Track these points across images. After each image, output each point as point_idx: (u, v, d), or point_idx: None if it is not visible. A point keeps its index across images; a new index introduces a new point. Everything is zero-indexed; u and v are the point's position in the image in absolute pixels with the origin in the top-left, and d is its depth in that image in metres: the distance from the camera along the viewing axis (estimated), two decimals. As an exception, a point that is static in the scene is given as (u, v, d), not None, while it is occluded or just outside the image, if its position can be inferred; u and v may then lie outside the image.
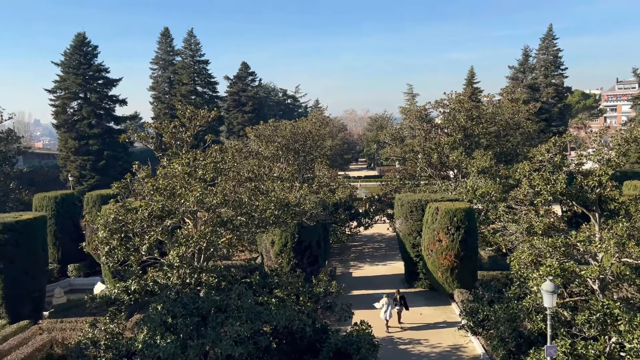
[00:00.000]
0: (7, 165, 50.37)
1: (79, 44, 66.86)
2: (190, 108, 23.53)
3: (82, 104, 66.99)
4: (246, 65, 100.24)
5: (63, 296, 31.73)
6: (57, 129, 68.68)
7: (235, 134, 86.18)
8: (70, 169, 64.71)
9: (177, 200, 19.39)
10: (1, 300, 27.34)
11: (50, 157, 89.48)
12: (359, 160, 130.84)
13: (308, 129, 45.11)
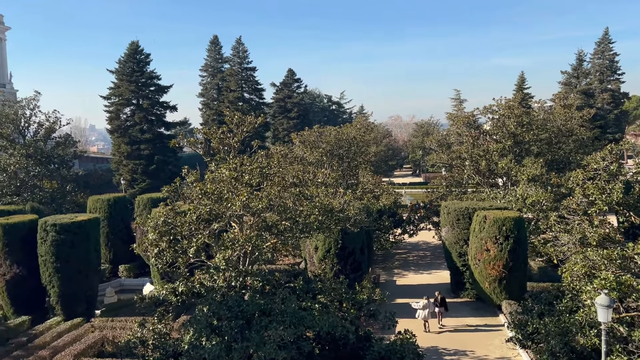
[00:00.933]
0: (64, 169, 52.68)
1: (132, 52, 69.43)
2: (238, 114, 24.02)
3: (135, 110, 69.45)
4: (292, 72, 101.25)
5: (114, 296, 32.77)
6: (111, 134, 71.46)
7: (280, 140, 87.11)
8: (122, 172, 67.12)
9: (224, 204, 19.76)
10: (57, 298, 28.56)
11: (104, 161, 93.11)
12: (404, 167, 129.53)
13: (352, 135, 45.08)
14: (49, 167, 50.50)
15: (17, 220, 30.04)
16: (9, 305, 29.25)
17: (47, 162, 50.48)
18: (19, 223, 29.56)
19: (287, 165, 27.61)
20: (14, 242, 29.05)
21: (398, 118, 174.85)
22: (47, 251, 28.18)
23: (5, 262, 28.98)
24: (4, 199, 45.88)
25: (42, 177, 48.74)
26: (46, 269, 28.44)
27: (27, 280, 28.94)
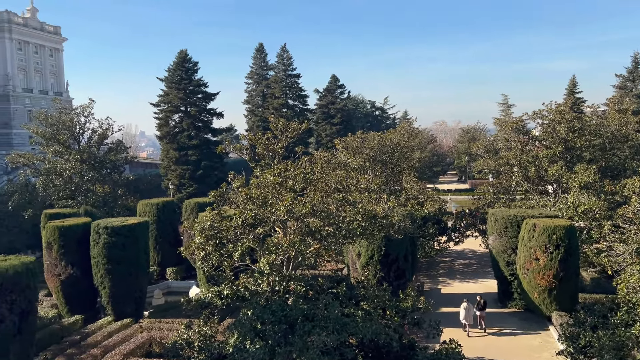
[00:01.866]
0: (116, 174, 54.67)
1: (181, 60, 71.47)
2: (282, 121, 24.24)
3: (183, 117, 71.38)
4: (336, 78, 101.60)
5: (162, 297, 33.63)
6: (160, 140, 73.70)
7: (323, 146, 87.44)
8: (170, 177, 69.02)
9: (269, 210, 19.96)
10: (108, 298, 29.58)
11: (154, 167, 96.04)
12: (449, 173, 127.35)
13: (396, 140, 44.70)
14: (102, 172, 52.46)
15: (72, 223, 31.35)
16: (64, 305, 30.50)
17: (100, 167, 52.47)
18: (73, 226, 30.83)
19: (330, 171, 27.57)
20: (69, 244, 30.31)
21: (443, 123, 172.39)
22: (99, 253, 29.26)
23: (60, 263, 30.26)
24: (60, 202, 47.97)
25: (95, 182, 50.68)
26: (98, 270, 29.51)
27: (81, 280, 30.10)
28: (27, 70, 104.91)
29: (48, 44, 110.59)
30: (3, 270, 20.58)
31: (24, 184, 50.73)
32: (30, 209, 46.55)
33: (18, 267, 21.15)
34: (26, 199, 48.47)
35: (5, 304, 20.50)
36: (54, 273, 30.46)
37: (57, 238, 30.24)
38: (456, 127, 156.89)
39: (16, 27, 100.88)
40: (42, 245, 31.94)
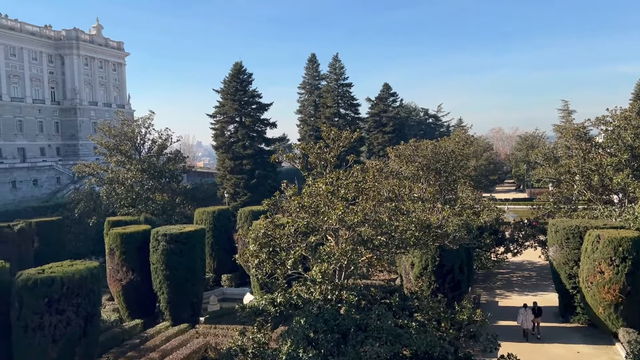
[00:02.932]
0: (174, 182, 56.55)
1: (236, 72, 73.28)
2: (334, 130, 24.35)
3: (238, 127, 73.03)
4: (388, 86, 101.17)
5: (217, 304, 34.33)
6: (216, 150, 75.67)
7: (375, 154, 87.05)
8: (226, 186, 70.66)
9: (321, 218, 20.02)
10: (166, 303, 30.50)
11: (210, 176, 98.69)
12: (506, 182, 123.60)
13: (450, 148, 43.81)
14: (161, 181, 54.38)
15: (133, 230, 32.64)
16: (125, 309, 31.71)
17: (159, 176, 54.42)
18: (134, 233, 32.09)
19: (383, 179, 27.42)
20: (130, 250, 31.55)
21: (499, 130, 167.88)
22: (158, 259, 30.26)
23: (122, 268, 31.52)
24: (122, 210, 50.08)
25: (155, 190, 52.60)
26: (157, 276, 30.51)
27: (141, 286, 31.23)
28: (93, 85, 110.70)
29: (112, 59, 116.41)
30: (70, 275, 21.65)
31: (89, 193, 53.35)
32: (94, 216, 48.88)
33: (83, 272, 22.19)
34: (91, 207, 50.95)
35: (72, 307, 21.53)
36: (116, 278, 31.75)
37: (119, 244, 31.54)
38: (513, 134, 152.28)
39: (83, 44, 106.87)
40: (105, 251, 33.42)
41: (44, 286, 21.09)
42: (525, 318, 27.71)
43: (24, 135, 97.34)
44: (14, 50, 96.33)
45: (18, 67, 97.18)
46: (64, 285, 21.34)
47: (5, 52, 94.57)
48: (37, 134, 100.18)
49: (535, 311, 28.16)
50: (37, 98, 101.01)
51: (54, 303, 21.11)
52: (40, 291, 21.00)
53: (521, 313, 27.95)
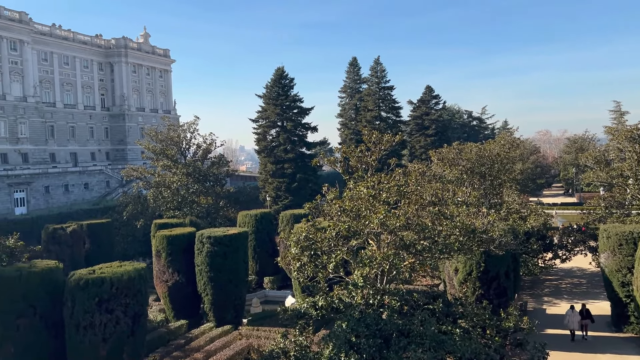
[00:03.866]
0: (218, 186, 57.60)
1: (278, 77, 74.08)
2: (375, 133, 24.22)
3: (280, 131, 73.78)
4: (430, 88, 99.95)
5: (259, 306, 34.70)
6: (258, 154, 76.66)
7: (417, 158, 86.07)
8: (268, 189, 71.45)
9: (362, 222, 19.95)
10: (210, 305, 31.06)
11: (252, 179, 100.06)
12: (554, 186, 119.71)
13: (496, 151, 42.82)
14: (205, 184, 55.52)
15: (179, 232, 33.44)
16: (170, 309, 32.49)
17: (204, 180, 55.57)
18: (180, 235, 32.87)
19: (425, 183, 27.03)
20: (176, 252, 32.33)
21: (547, 133, 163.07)
22: (203, 261, 30.88)
23: (168, 270, 32.34)
24: (168, 213, 51.39)
25: (200, 194, 53.73)
26: (201, 277, 31.13)
27: (186, 287, 31.94)
28: (140, 91, 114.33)
29: (158, 66, 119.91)
30: (119, 276, 22.38)
31: (136, 196, 55.02)
32: (142, 218, 50.35)
33: (132, 273, 22.89)
34: (138, 210, 52.51)
35: (120, 307, 22.24)
36: (162, 279, 32.59)
37: (165, 246, 32.38)
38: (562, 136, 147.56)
39: (131, 51, 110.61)
40: (152, 253, 34.35)
41: (95, 286, 21.88)
42: (572, 319, 27.58)
43: (75, 141, 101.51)
44: (67, 59, 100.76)
45: (71, 75, 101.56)
46: (113, 286, 22.08)
47: (60, 61, 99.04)
48: (88, 139, 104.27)
49: (583, 313, 27.80)
50: (88, 104, 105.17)
51: (104, 303, 21.87)
52: (91, 291, 21.81)
53: (568, 314, 27.94)
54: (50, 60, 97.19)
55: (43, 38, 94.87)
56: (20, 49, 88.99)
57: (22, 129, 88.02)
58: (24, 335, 22.42)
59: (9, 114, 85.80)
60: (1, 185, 75.46)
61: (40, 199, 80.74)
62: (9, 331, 22.52)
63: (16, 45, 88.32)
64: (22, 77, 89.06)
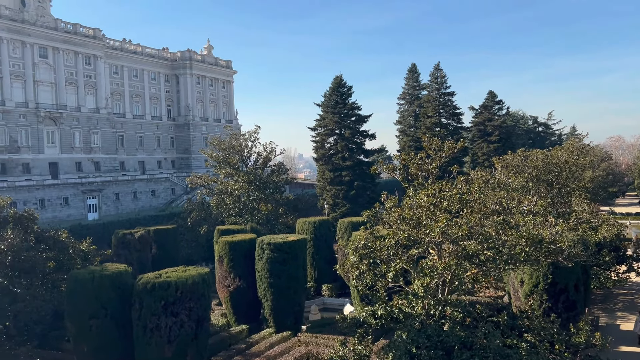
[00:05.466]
0: (277, 193, 58.46)
1: (336, 85, 74.52)
2: (436, 140, 23.82)
3: (337, 139, 74.06)
4: (493, 94, 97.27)
5: (318, 313, 34.78)
6: (316, 161, 77.24)
7: (480, 165, 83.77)
8: (325, 197, 71.78)
9: (422, 231, 19.62)
10: (270, 310, 31.49)
11: (310, 187, 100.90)
12: (628, 195, 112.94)
13: (563, 158, 40.99)
14: (266, 192, 56.48)
15: (240, 238, 34.20)
16: (232, 314, 33.21)
17: (264, 187, 56.57)
18: (241, 241, 33.60)
19: (489, 191, 26.21)
20: (237, 258, 33.06)
21: (619, 139, 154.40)
22: (263, 267, 31.40)
23: (230, 275, 33.11)
24: (230, 219, 52.68)
25: (260, 201, 54.76)
26: (262, 283, 31.65)
27: (247, 292, 32.57)
28: (204, 102, 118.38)
29: (221, 77, 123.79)
30: (183, 280, 23.16)
31: (200, 203, 56.79)
32: (205, 225, 51.90)
33: (196, 278, 23.62)
34: (202, 216, 54.17)
35: (185, 311, 22.99)
36: (224, 284, 33.40)
37: (227, 252, 33.19)
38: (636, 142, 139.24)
39: (196, 63, 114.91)
40: (215, 258, 35.28)
41: (161, 290, 22.75)
42: None
43: (144, 150, 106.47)
44: (136, 72, 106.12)
45: (139, 87, 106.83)
46: (178, 290, 22.87)
47: (129, 74, 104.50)
48: (155, 148, 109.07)
49: None
50: (155, 115, 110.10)
51: (169, 306, 22.69)
52: (157, 294, 22.69)
53: (638, 321, 27.06)
54: (120, 73, 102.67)
55: (114, 52, 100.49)
56: (94, 64, 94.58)
57: (94, 138, 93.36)
58: (96, 335, 23.63)
59: (83, 125, 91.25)
60: (76, 192, 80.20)
61: (111, 205, 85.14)
62: (82, 331, 23.84)
63: (90, 60, 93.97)
64: (95, 90, 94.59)
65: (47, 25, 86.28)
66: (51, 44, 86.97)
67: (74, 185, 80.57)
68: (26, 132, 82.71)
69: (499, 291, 36.53)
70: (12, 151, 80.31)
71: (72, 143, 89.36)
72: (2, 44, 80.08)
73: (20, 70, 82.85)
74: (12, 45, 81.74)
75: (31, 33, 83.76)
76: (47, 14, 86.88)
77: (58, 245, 30.02)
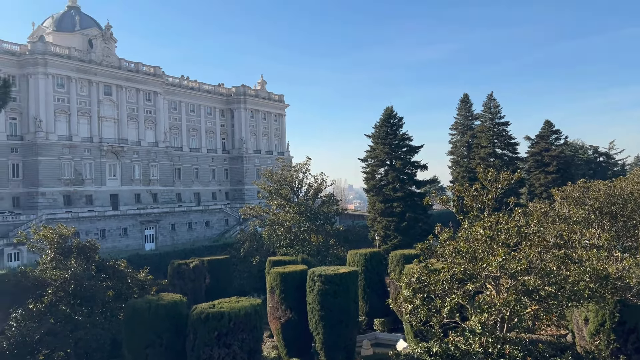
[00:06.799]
0: (328, 224, 58.50)
1: (387, 117, 74.58)
2: (492, 171, 23.30)
3: (388, 170, 73.60)
4: (549, 123, 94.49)
5: (370, 348, 34.05)
6: (367, 193, 76.88)
7: (537, 196, 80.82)
8: (376, 229, 71.01)
9: (479, 265, 19.05)
10: (321, 344, 31.09)
11: (360, 218, 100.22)
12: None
13: (628, 189, 38.92)
14: (316, 222, 56.65)
15: (291, 269, 34.25)
16: (283, 347, 33.03)
17: (315, 218, 56.77)
18: (292, 272, 33.64)
19: (548, 224, 25.21)
20: (289, 289, 33.05)
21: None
22: (314, 299, 31.19)
23: (281, 306, 33.08)
24: (281, 250, 53.01)
25: (311, 232, 54.88)
26: (313, 316, 31.39)
27: (298, 325, 32.35)
28: (257, 134, 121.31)
29: (273, 110, 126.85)
30: (236, 311, 23.35)
31: (252, 233, 57.60)
32: (257, 255, 52.45)
33: (248, 309, 23.78)
34: (254, 247, 54.84)
35: (237, 342, 23.11)
36: (276, 316, 33.37)
37: (278, 283, 33.26)
38: None
39: (249, 98, 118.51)
40: (266, 289, 35.42)
41: (215, 320, 23.01)
42: None
43: (199, 181, 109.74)
44: (193, 107, 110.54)
45: (196, 121, 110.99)
46: (231, 320, 23.07)
47: (187, 109, 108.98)
48: (209, 180, 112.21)
49: None
50: (211, 148, 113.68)
51: (222, 337, 22.88)
52: (211, 325, 22.95)
53: None
54: (178, 108, 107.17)
55: (173, 89, 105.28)
56: (154, 100, 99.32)
57: (153, 171, 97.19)
58: (151, 364, 24.07)
59: (142, 158, 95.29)
60: (134, 223, 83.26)
61: (167, 235, 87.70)
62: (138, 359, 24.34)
63: (150, 96, 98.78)
64: (154, 125, 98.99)
65: (112, 65, 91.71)
66: (115, 82, 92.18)
67: (132, 216, 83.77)
68: (90, 165, 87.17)
69: (561, 329, 34.66)
70: (77, 183, 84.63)
71: (132, 175, 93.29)
72: (72, 83, 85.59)
73: (86, 107, 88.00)
74: (80, 84, 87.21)
75: (97, 72, 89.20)
76: (112, 54, 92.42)
77: (117, 275, 31.12)
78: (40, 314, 27.79)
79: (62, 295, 28.53)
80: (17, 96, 79.56)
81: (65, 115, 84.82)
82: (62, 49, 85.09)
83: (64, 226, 32.27)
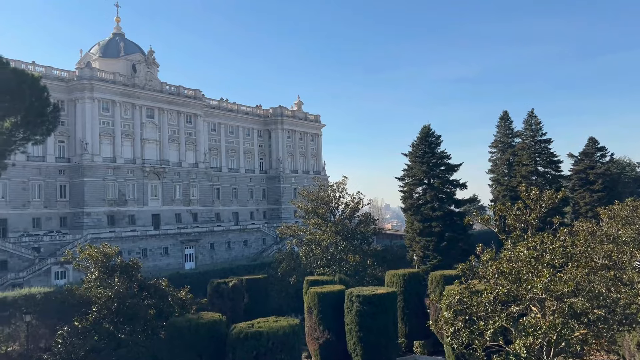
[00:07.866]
0: (365, 244, 57.95)
1: (424, 135, 74.01)
2: (535, 189, 22.73)
3: (426, 189, 72.73)
4: (594, 140, 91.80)
5: (409, 371, 33.32)
6: (404, 212, 76.10)
7: (582, 215, 78.12)
8: (415, 249, 69.99)
9: (523, 286, 18.47)
10: (360, 365, 30.64)
11: (398, 238, 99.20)
12: None
13: (682, 208, 37.25)
14: (353, 242, 56.21)
15: (329, 290, 34.05)
16: (321, 367, 32.69)
17: (352, 238, 56.37)
18: (330, 292, 33.43)
19: (596, 244, 24.30)
20: (326, 310, 32.82)
21: None
22: (352, 320, 30.86)
23: (319, 327, 32.85)
24: (318, 270, 52.76)
25: (348, 252, 54.49)
26: (351, 337, 31.04)
27: (336, 346, 32.02)
28: (294, 154, 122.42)
29: (310, 130, 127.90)
30: (275, 331, 23.34)
31: (289, 253, 57.61)
32: (294, 275, 52.36)
33: (286, 329, 23.74)
34: (292, 266, 54.78)
35: (275, 362, 23.04)
36: (314, 336, 33.14)
37: (316, 303, 33.09)
38: None
39: (286, 119, 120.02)
40: (304, 309, 35.26)
41: (253, 339, 23.07)
42: None
43: (237, 201, 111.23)
44: (232, 129, 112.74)
45: (234, 142, 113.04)
46: (269, 340, 23.07)
47: (226, 130, 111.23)
48: (247, 199, 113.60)
49: None
50: (249, 168, 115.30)
51: (261, 356, 22.87)
52: (250, 344, 23.01)
53: None
54: (217, 130, 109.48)
55: (212, 111, 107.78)
56: (194, 122, 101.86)
57: (193, 191, 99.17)
58: (191, 383, 24.23)
59: (183, 179, 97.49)
60: (175, 242, 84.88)
61: (206, 254, 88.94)
62: (178, 378, 24.56)
63: (191, 118, 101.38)
64: (195, 146, 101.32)
65: (154, 89, 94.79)
66: (157, 105, 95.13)
67: (173, 235, 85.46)
68: (133, 186, 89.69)
69: (611, 355, 33.04)
70: (120, 204, 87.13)
71: (173, 196, 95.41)
72: (116, 106, 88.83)
73: (129, 129, 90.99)
74: (124, 108, 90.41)
75: (140, 96, 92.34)
76: (154, 78, 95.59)
77: (159, 293, 31.65)
78: (85, 332, 28.51)
79: (105, 313, 29.25)
80: (65, 120, 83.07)
81: (109, 138, 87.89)
82: (107, 74, 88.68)
83: (108, 245, 33.18)
